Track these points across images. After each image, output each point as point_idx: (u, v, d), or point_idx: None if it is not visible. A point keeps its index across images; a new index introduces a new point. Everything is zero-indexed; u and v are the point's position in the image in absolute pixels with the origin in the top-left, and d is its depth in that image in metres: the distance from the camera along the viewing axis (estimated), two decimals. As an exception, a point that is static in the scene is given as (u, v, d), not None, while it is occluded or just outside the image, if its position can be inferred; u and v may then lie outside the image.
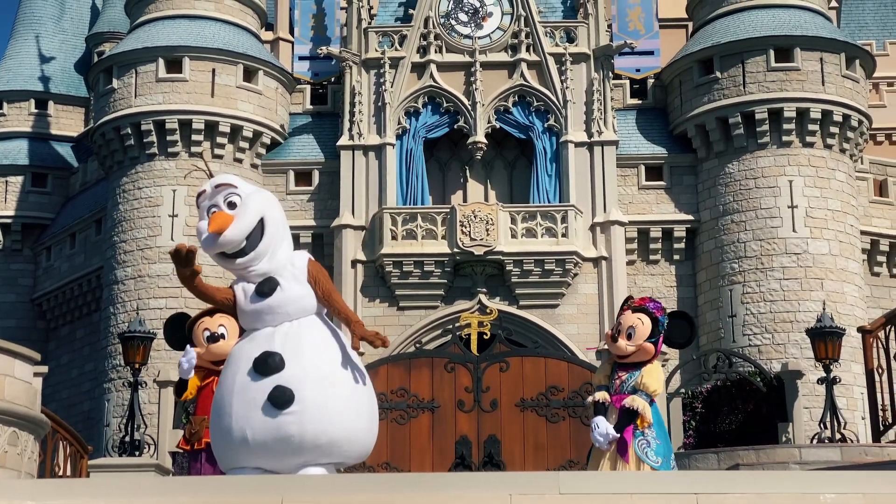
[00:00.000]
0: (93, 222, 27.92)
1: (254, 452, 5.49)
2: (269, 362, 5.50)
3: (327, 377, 5.57)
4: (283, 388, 5.46)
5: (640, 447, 6.65)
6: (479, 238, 24.08)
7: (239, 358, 5.63)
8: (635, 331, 6.79)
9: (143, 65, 25.49)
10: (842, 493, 4.82)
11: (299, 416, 5.45)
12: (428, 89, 25.38)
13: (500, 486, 4.89)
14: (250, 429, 5.45)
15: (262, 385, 5.49)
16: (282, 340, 5.60)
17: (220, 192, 5.85)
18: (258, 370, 5.51)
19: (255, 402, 5.47)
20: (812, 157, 24.66)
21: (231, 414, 5.50)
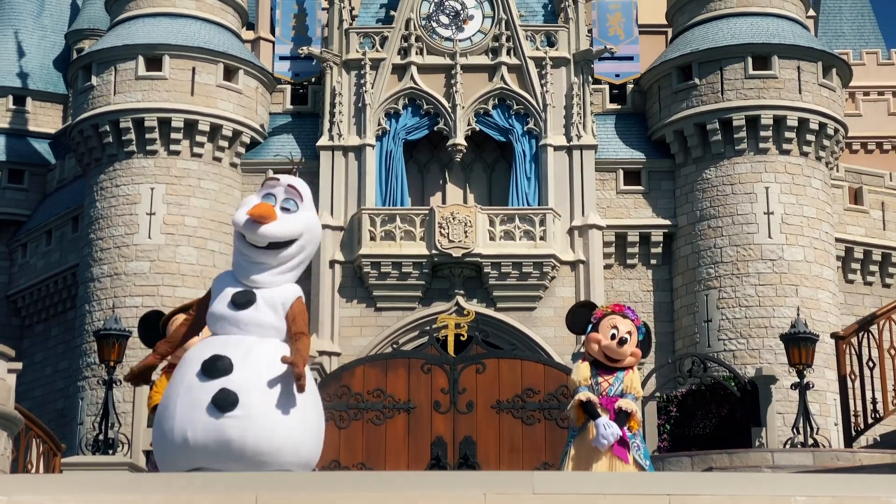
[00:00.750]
0: (69, 219, 27.78)
1: (195, 454, 5.39)
2: (217, 365, 5.40)
3: (275, 384, 5.44)
4: (227, 391, 5.34)
5: (636, 450, 6.72)
6: (457, 240, 24.12)
7: (191, 360, 5.54)
8: (630, 338, 6.88)
9: (123, 62, 25.39)
10: (813, 496, 4.87)
11: (242, 420, 5.33)
12: (408, 91, 25.40)
13: (474, 486, 4.91)
14: (192, 430, 5.35)
15: (208, 387, 5.39)
16: (234, 346, 5.50)
17: (286, 193, 5.68)
18: (206, 372, 5.41)
19: (200, 402, 5.36)
20: (788, 164, 24.83)
21: (174, 414, 5.40)
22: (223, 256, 24.94)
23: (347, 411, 14.99)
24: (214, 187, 25.20)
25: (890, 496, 4.84)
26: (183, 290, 23.85)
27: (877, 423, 11.30)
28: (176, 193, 24.88)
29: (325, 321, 24.19)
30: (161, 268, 24.38)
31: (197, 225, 24.77)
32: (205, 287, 23.88)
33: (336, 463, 14.60)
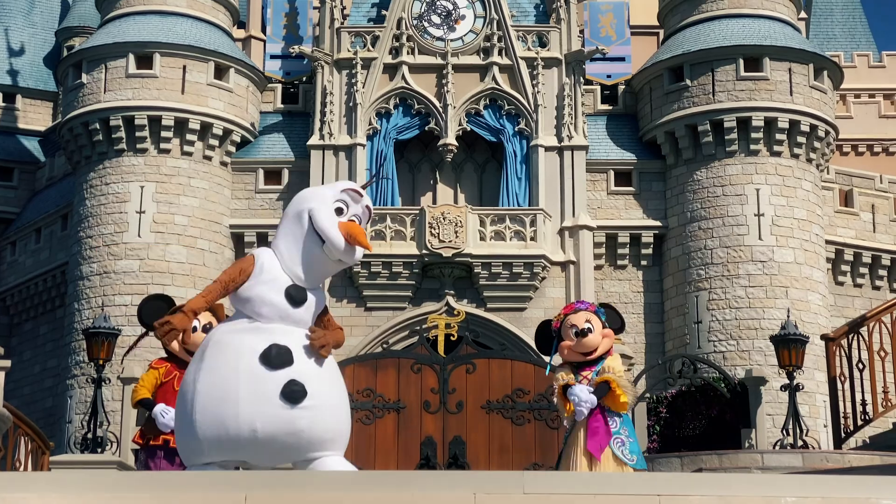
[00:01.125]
0: (59, 217, 27.70)
1: (257, 446, 5.35)
2: (280, 355, 5.36)
3: (331, 375, 5.52)
4: (297, 383, 5.34)
5: (617, 445, 6.69)
6: (447, 240, 24.10)
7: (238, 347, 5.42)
8: (593, 325, 6.89)
9: (113, 60, 25.32)
10: (803, 497, 4.86)
11: (311, 411, 5.36)
12: (399, 91, 25.38)
13: (464, 485, 4.89)
14: (262, 422, 5.29)
15: (275, 377, 5.33)
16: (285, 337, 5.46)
17: (364, 212, 5.65)
18: (267, 362, 5.35)
19: (268, 394, 5.30)
20: (779, 166, 24.87)
21: (239, 404, 5.28)
22: (213, 255, 24.89)
23: (337, 411, 14.98)
24: (205, 186, 25.14)
25: (880, 497, 4.83)
26: (172, 288, 23.78)
27: (866, 424, 11.30)
28: (166, 192, 24.82)
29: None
30: (150, 266, 24.31)
31: (187, 224, 24.71)
32: (195, 286, 23.90)
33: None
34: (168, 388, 6.84)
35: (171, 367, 6.90)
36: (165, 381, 6.86)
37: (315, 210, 5.60)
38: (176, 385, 6.82)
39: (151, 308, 6.96)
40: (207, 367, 5.47)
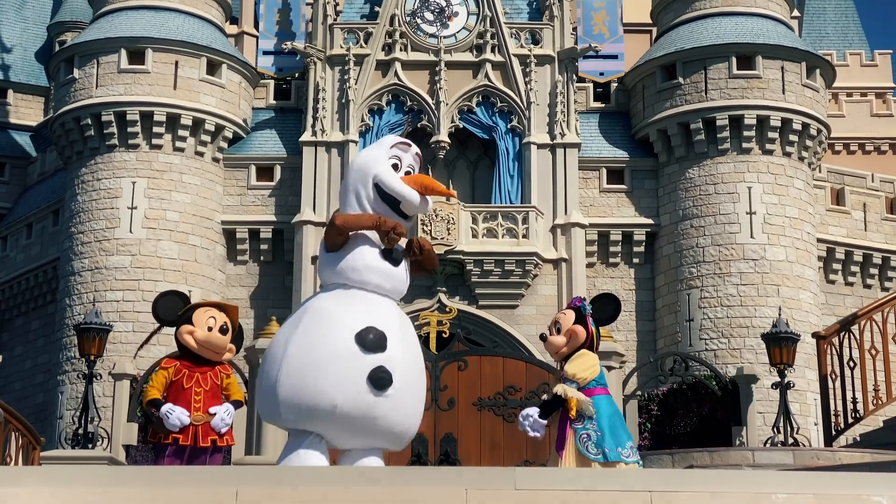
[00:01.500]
0: (50, 213, 27.63)
1: (331, 421, 5.38)
2: (374, 339, 5.40)
3: (416, 368, 5.58)
4: (384, 370, 5.38)
5: (582, 441, 6.71)
6: (439, 237, 24.09)
7: (336, 320, 5.43)
8: (561, 322, 6.96)
9: (105, 55, 25.26)
10: (794, 494, 4.87)
11: (391, 400, 5.41)
12: (392, 87, 25.36)
13: (455, 482, 4.89)
14: (343, 400, 5.33)
15: (365, 360, 5.37)
16: (384, 318, 5.49)
17: (415, 159, 5.67)
18: (363, 344, 5.39)
19: (355, 374, 5.34)
20: (771, 164, 24.91)
21: (326, 377, 5.32)
22: (204, 251, 24.85)
23: (328, 407, 14.96)
24: (196, 182, 25.10)
25: (871, 494, 4.84)
26: (164, 284, 23.71)
27: (857, 422, 11.33)
28: (157, 188, 24.76)
29: (307, 317, 24.10)
30: (142, 262, 24.27)
31: (178, 220, 24.67)
32: (186, 282, 23.86)
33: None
34: (177, 386, 6.88)
35: (180, 365, 6.93)
36: (175, 380, 6.89)
37: (381, 174, 5.57)
38: (185, 383, 6.86)
39: (167, 303, 7.04)
40: (303, 332, 5.47)
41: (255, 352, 15.35)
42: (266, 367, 5.58)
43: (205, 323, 6.92)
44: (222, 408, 6.90)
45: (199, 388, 6.90)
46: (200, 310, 7.00)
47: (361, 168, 5.65)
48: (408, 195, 5.52)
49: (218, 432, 6.87)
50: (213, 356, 6.97)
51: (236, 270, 25.44)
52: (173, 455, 6.78)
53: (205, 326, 6.92)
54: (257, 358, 15.20)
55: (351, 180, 5.68)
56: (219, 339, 6.94)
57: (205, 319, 6.93)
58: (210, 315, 6.97)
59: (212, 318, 6.95)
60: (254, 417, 15.01)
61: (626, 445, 6.76)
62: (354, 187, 5.63)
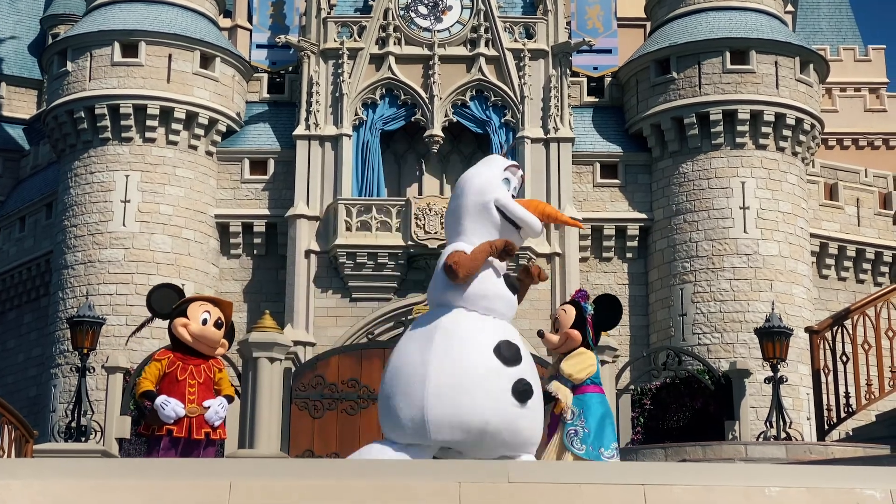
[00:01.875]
0: (43, 206, 27.57)
1: (480, 437, 5.51)
2: (511, 350, 5.56)
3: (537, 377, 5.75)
4: (526, 382, 5.55)
5: (569, 437, 6.73)
6: (433, 231, 24.09)
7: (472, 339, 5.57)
8: (560, 321, 6.92)
9: (99, 48, 25.19)
10: (787, 487, 4.88)
11: (531, 411, 5.60)
12: (386, 81, 25.33)
13: (448, 474, 4.89)
14: (492, 414, 5.47)
15: (508, 374, 5.52)
16: (510, 334, 5.68)
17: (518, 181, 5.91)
18: (502, 357, 5.53)
19: (501, 390, 5.48)
20: (764, 159, 24.94)
21: (476, 395, 5.45)
22: (198, 245, 24.82)
23: (322, 401, 14.96)
24: (190, 175, 25.06)
25: (863, 487, 4.85)
26: (157, 278, 23.69)
27: (849, 417, 11.35)
28: (151, 181, 24.72)
29: (301, 311, 24.12)
30: (135, 255, 24.23)
31: (172, 213, 24.63)
32: (179, 276, 23.84)
33: (310, 452, 14.58)
34: (171, 378, 6.88)
35: (174, 357, 6.93)
36: (168, 372, 6.89)
37: (501, 199, 5.78)
38: (179, 375, 6.86)
39: (161, 296, 7.06)
40: (440, 352, 5.56)
41: (249, 346, 15.35)
42: (401, 387, 5.64)
43: (199, 317, 6.94)
44: (216, 401, 6.91)
45: (193, 380, 6.90)
46: (195, 304, 7.01)
47: (481, 191, 5.80)
48: (531, 223, 5.82)
49: (212, 425, 6.87)
50: (207, 350, 6.98)
51: (230, 264, 25.41)
52: (168, 447, 6.79)
53: (199, 320, 6.93)
54: (250, 352, 15.20)
55: (469, 203, 5.82)
56: (213, 334, 6.95)
57: (199, 313, 6.95)
58: (205, 309, 6.98)
59: (206, 313, 6.96)
60: (247, 412, 15.01)
61: (611, 447, 6.77)
62: (475, 209, 5.79)
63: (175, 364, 6.90)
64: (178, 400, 6.82)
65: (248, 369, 15.36)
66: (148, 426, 6.93)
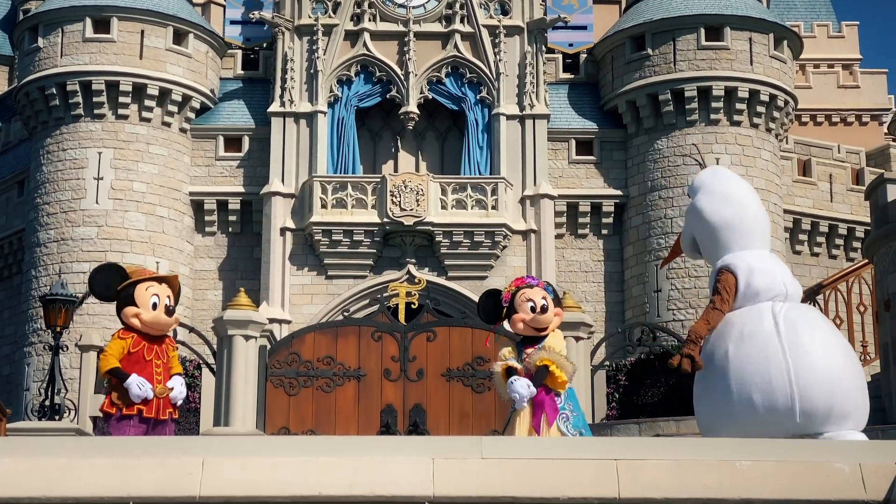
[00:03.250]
0: (15, 183, 27.34)
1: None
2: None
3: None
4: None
5: (562, 420, 6.79)
6: (409, 208, 24.07)
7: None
8: (547, 301, 7.01)
9: (70, 24, 24.95)
10: (758, 461, 4.93)
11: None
12: (361, 58, 25.23)
13: (422, 451, 4.91)
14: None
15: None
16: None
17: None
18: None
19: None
20: (739, 135, 25.03)
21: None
22: (171, 223, 24.70)
23: (297, 378, 14.96)
24: (163, 153, 24.91)
25: (833, 461, 4.90)
26: (131, 256, 23.59)
27: (821, 391, 11.45)
28: (124, 158, 24.56)
29: (276, 288, 24.08)
30: (109, 233, 24.09)
31: (146, 191, 24.49)
32: (153, 253, 23.73)
33: (286, 430, 14.58)
34: (138, 357, 6.82)
35: (139, 338, 6.87)
36: (133, 352, 6.83)
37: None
38: (146, 355, 6.82)
39: (103, 278, 6.95)
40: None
41: (224, 323, 15.30)
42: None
43: (149, 301, 6.82)
44: (178, 381, 6.90)
45: (159, 360, 6.88)
46: (141, 286, 6.85)
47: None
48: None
49: (174, 404, 6.87)
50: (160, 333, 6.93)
51: (204, 242, 25.31)
52: (136, 425, 6.76)
53: (149, 305, 6.82)
54: (225, 329, 15.16)
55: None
56: (165, 321, 6.88)
57: (148, 298, 6.82)
58: (153, 292, 6.85)
59: (155, 296, 6.84)
60: (222, 389, 14.99)
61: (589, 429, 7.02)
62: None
63: (141, 344, 6.85)
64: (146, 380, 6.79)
65: (223, 347, 15.33)
66: (113, 404, 6.86)
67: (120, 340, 6.88)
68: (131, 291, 6.83)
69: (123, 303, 6.87)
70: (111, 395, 6.89)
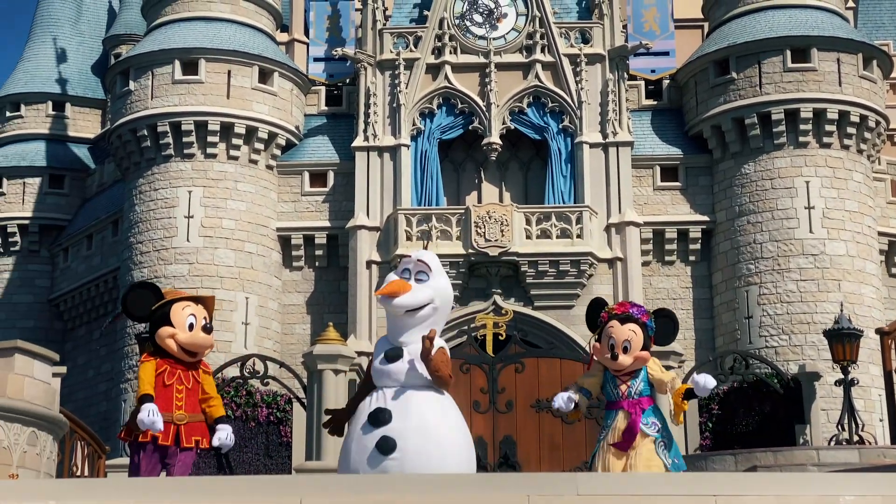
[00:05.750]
0: (109, 223, 28.02)
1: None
2: (379, 416, 6.43)
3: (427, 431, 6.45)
4: (388, 438, 6.32)
5: (658, 445, 6.69)
6: (493, 239, 24.07)
7: (361, 411, 6.56)
8: (631, 344, 6.90)
9: (160, 66, 25.57)
10: (861, 496, 4.80)
11: (400, 462, 6.24)
12: (442, 90, 25.39)
13: (518, 487, 4.89)
14: (363, 469, 6.26)
15: (375, 433, 6.37)
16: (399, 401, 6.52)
17: (417, 267, 6.81)
18: (371, 422, 6.43)
19: (367, 447, 6.35)
20: (829, 157, 24.57)
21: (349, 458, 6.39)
22: (260, 258, 25.06)
23: (387, 412, 15.01)
24: (251, 189, 25.33)
25: (942, 495, 4.75)
26: (221, 292, 23.99)
27: (923, 419, 11.14)
28: (213, 196, 25.02)
29: (363, 321, 24.23)
30: (199, 270, 24.53)
31: (234, 227, 24.91)
32: (243, 289, 24.15)
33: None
34: (158, 384, 6.65)
35: (162, 361, 6.70)
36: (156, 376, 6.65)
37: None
38: (167, 380, 6.66)
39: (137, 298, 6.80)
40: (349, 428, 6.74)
41: (314, 358, 15.44)
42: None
43: (185, 322, 6.65)
44: (226, 431, 6.73)
45: (181, 385, 6.68)
46: (177, 306, 6.69)
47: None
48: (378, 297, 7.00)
49: (220, 448, 6.71)
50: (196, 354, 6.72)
51: (292, 276, 25.62)
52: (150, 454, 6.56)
53: (185, 325, 6.65)
54: (315, 364, 15.30)
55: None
56: (203, 340, 6.70)
57: (185, 318, 6.66)
58: (189, 312, 6.68)
59: (192, 316, 6.68)
60: (313, 424, 15.10)
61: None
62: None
63: (163, 368, 6.67)
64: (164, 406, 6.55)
65: (313, 381, 15.46)
66: (130, 431, 6.68)
67: (149, 363, 6.68)
68: (167, 311, 6.67)
69: (158, 323, 6.69)
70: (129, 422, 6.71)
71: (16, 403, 9.16)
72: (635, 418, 6.74)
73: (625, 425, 6.75)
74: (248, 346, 23.66)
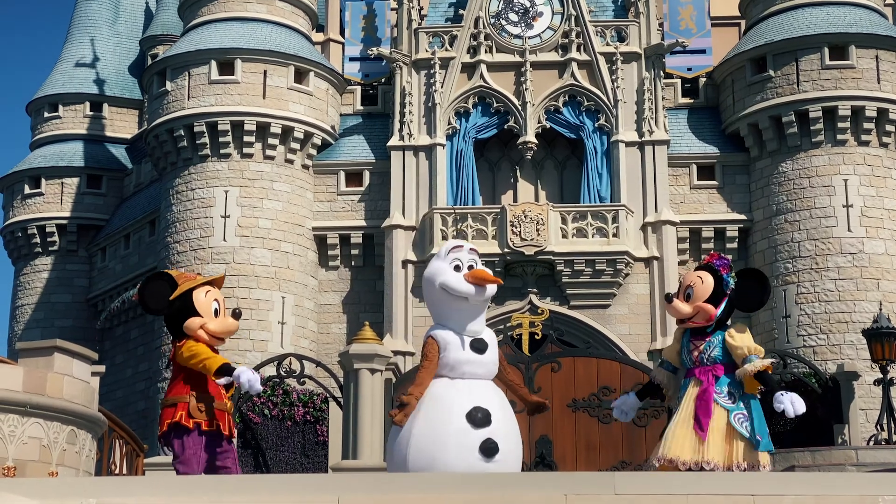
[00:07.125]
0: (147, 223, 28.25)
1: None
2: (481, 416, 6.30)
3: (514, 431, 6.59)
4: (492, 441, 6.23)
5: (738, 420, 6.19)
6: (529, 238, 24.04)
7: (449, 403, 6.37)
8: (694, 290, 6.42)
9: (196, 67, 25.74)
10: (902, 496, 4.76)
11: (501, 465, 6.19)
12: (478, 89, 25.38)
13: (555, 487, 4.88)
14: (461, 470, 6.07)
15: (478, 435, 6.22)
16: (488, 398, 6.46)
17: (473, 255, 6.88)
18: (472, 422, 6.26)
19: (471, 449, 6.18)
20: (867, 155, 24.33)
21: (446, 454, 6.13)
22: (296, 258, 25.17)
23: (423, 411, 15.04)
24: (287, 189, 25.44)
25: (985, 496, 4.70)
26: (258, 291, 24.13)
27: (965, 419, 11.02)
28: (249, 196, 25.16)
29: (399, 321, 24.28)
30: (236, 270, 24.67)
31: (270, 227, 25.03)
32: (280, 289, 24.26)
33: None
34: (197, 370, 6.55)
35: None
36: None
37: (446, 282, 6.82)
38: None
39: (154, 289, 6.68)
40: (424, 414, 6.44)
41: (350, 357, 15.49)
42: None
43: (210, 308, 6.50)
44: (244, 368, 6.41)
45: None
46: (198, 293, 6.53)
47: (428, 280, 6.84)
48: (465, 291, 6.70)
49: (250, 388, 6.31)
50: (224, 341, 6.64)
51: (328, 276, 25.71)
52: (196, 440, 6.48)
53: (211, 312, 6.50)
54: (351, 363, 15.35)
55: (426, 293, 6.92)
56: (234, 326, 6.62)
57: (209, 304, 6.52)
58: (213, 297, 6.55)
59: (215, 301, 6.54)
60: (349, 423, 15.16)
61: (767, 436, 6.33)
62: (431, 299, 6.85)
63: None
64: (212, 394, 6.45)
65: (350, 381, 15.51)
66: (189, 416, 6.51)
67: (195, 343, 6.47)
68: (189, 300, 6.53)
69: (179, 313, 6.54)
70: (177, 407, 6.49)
71: (55, 402, 9.27)
72: (707, 387, 6.20)
73: (695, 393, 6.21)
74: (285, 345, 23.77)
